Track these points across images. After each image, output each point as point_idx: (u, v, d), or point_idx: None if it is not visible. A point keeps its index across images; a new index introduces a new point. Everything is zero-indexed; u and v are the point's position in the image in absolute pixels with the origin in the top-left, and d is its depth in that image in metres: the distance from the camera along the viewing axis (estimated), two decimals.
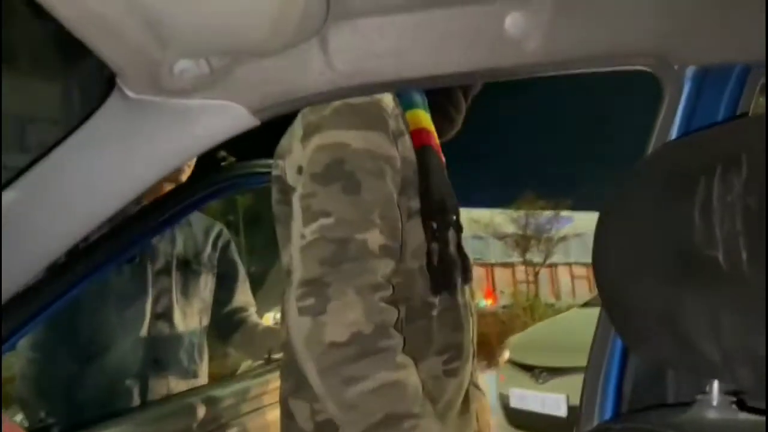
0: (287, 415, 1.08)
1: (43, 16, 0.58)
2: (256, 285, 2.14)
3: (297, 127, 1.04)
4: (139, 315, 1.75)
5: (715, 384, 0.68)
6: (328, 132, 0.98)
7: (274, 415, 1.84)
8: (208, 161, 1.58)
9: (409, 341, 0.98)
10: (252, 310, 2.02)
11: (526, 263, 25.24)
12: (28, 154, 0.77)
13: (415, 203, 1.03)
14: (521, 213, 24.74)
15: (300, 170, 1.01)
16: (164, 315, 1.79)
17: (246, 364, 2.02)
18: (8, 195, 0.76)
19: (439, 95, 1.14)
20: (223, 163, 1.64)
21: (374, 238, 0.95)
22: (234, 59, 0.75)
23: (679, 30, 0.84)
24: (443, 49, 0.81)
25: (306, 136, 1.01)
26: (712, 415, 0.67)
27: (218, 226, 2.00)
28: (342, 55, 0.79)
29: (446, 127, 1.17)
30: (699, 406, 0.68)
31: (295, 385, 1.07)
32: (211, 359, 1.92)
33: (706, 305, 0.57)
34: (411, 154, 1.03)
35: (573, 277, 25.21)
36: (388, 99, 1.03)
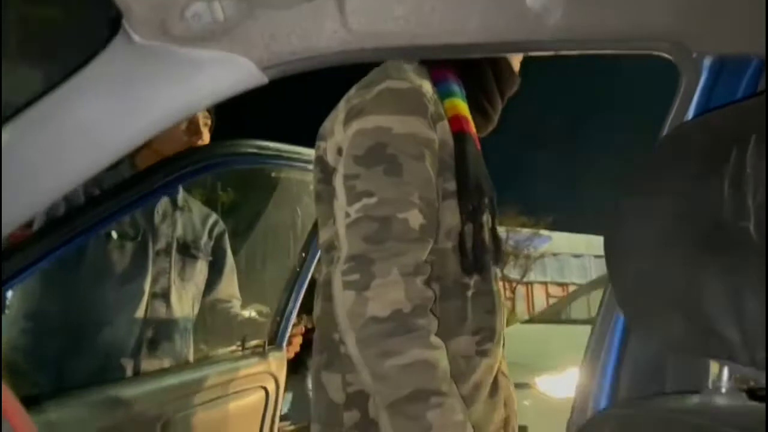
0: (319, 387, 1.13)
1: None
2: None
3: (340, 111, 1.09)
4: (137, 293, 1.73)
5: (725, 370, 0.66)
6: (369, 116, 1.03)
7: (245, 400, 1.87)
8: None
9: (443, 319, 1.03)
10: (236, 302, 2.02)
11: (504, 278, 25.34)
12: None
13: (451, 185, 1.07)
14: (502, 228, 24.74)
15: (340, 151, 1.06)
16: (162, 295, 1.78)
17: (221, 351, 1.99)
18: (6, 131, 0.73)
19: (477, 91, 1.17)
20: None
21: (415, 218, 0.99)
22: (248, 7, 0.72)
23: (699, 17, 0.83)
24: (462, 17, 0.79)
25: (348, 119, 1.05)
26: (721, 401, 0.65)
27: (215, 216, 2.00)
28: (358, 15, 0.77)
29: (481, 124, 1.19)
30: (708, 393, 0.66)
31: (328, 358, 1.12)
32: None
33: (731, 282, 0.55)
34: (449, 138, 1.07)
35: (548, 296, 25.34)
36: (427, 86, 1.07)
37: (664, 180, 0.64)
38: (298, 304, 2.11)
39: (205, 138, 1.84)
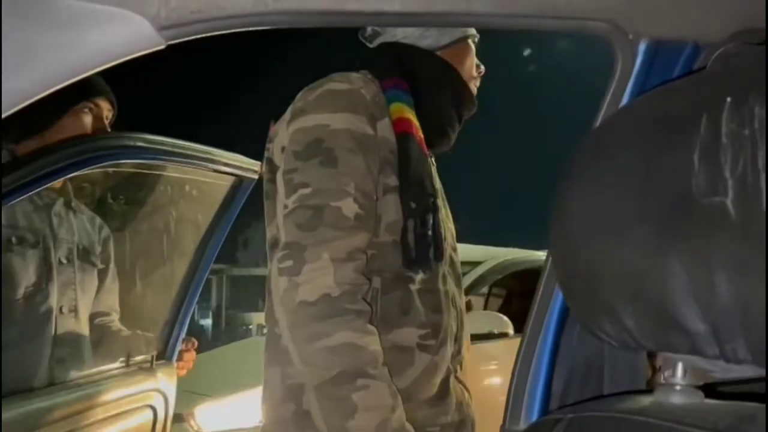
0: (264, 382, 1.16)
1: None
2: None
3: (287, 113, 1.13)
4: (44, 308, 1.53)
5: (680, 367, 0.61)
6: (310, 115, 1.07)
7: (130, 421, 1.69)
8: None
9: (385, 310, 1.07)
10: (115, 315, 1.83)
11: None
12: None
13: (392, 180, 1.09)
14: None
15: (283, 150, 1.10)
16: (70, 310, 1.60)
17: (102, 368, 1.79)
18: None
19: (430, 105, 1.20)
20: None
21: (349, 207, 1.02)
22: None
23: (636, 1, 0.80)
24: None
25: (291, 119, 1.10)
26: (677, 400, 0.60)
27: (99, 219, 1.81)
28: None
29: (436, 139, 1.23)
30: (662, 391, 0.61)
31: (270, 352, 1.15)
32: None
33: (699, 264, 0.49)
34: (390, 136, 1.10)
35: None
36: (371, 89, 1.12)
37: (617, 154, 0.58)
38: (189, 315, 1.96)
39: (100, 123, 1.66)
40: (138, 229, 2.08)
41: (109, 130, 1.67)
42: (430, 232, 1.08)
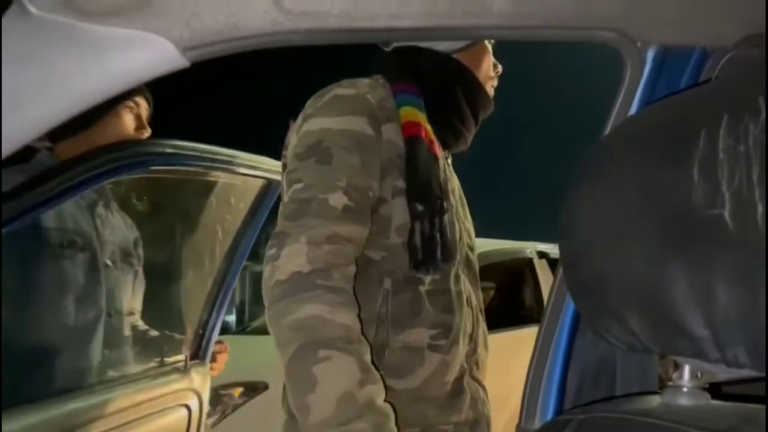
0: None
1: None
2: None
3: (298, 120, 1.15)
4: (95, 311, 1.57)
5: (686, 369, 0.63)
6: (315, 119, 1.10)
7: (166, 419, 1.75)
8: None
9: (396, 311, 1.09)
10: (137, 317, 1.84)
11: None
12: None
13: (400, 183, 1.11)
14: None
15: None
16: (117, 311, 1.65)
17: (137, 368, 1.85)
18: None
19: (443, 105, 1.22)
20: None
21: (337, 199, 1.02)
22: None
23: (643, 8, 0.81)
24: (403, 0, 0.73)
25: (300, 125, 1.12)
26: (684, 401, 0.62)
27: (129, 218, 1.83)
28: None
29: (451, 140, 1.25)
30: (669, 393, 0.63)
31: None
32: None
33: (700, 273, 0.51)
34: (397, 140, 1.12)
35: None
36: (379, 93, 1.14)
37: (623, 169, 0.60)
38: (221, 317, 2.00)
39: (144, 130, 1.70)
40: (170, 231, 2.12)
41: (148, 128, 1.71)
42: (438, 234, 1.09)
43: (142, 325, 1.84)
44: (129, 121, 1.65)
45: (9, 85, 0.66)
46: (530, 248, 4.01)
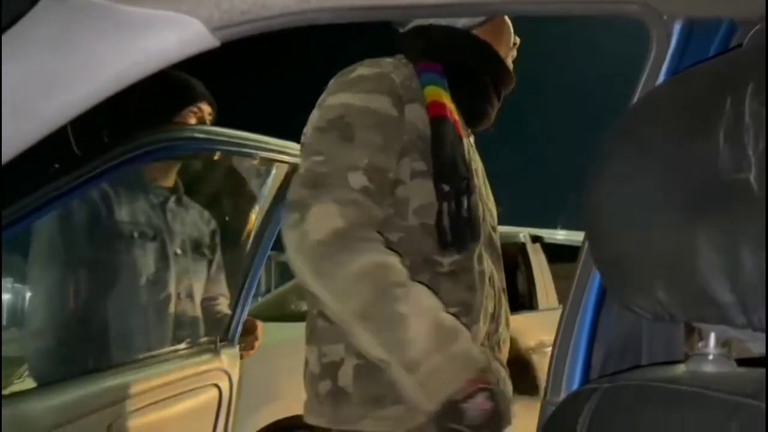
0: (305, 362, 1.20)
1: None
2: None
3: (321, 96, 1.16)
4: (166, 293, 1.73)
5: (712, 336, 0.64)
6: (337, 95, 1.11)
7: (197, 399, 1.80)
8: None
9: None
10: (222, 300, 2.00)
11: None
12: None
13: (420, 165, 1.12)
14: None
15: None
16: (187, 295, 1.79)
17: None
18: None
19: (466, 84, 1.21)
20: None
21: (357, 179, 1.04)
22: None
23: None
24: None
25: (323, 100, 1.14)
26: (709, 368, 0.62)
27: (207, 212, 1.99)
28: None
29: (475, 118, 1.25)
30: (695, 361, 0.64)
31: (309, 332, 1.18)
32: None
33: (724, 242, 0.52)
34: (419, 121, 1.12)
35: None
36: (402, 73, 1.14)
37: (646, 139, 0.60)
38: (250, 298, 2.04)
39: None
40: (221, 217, 2.20)
41: None
42: (465, 215, 1.10)
43: (220, 307, 1.97)
44: (190, 119, 1.76)
45: (50, 68, 0.69)
46: (523, 233, 3.88)
